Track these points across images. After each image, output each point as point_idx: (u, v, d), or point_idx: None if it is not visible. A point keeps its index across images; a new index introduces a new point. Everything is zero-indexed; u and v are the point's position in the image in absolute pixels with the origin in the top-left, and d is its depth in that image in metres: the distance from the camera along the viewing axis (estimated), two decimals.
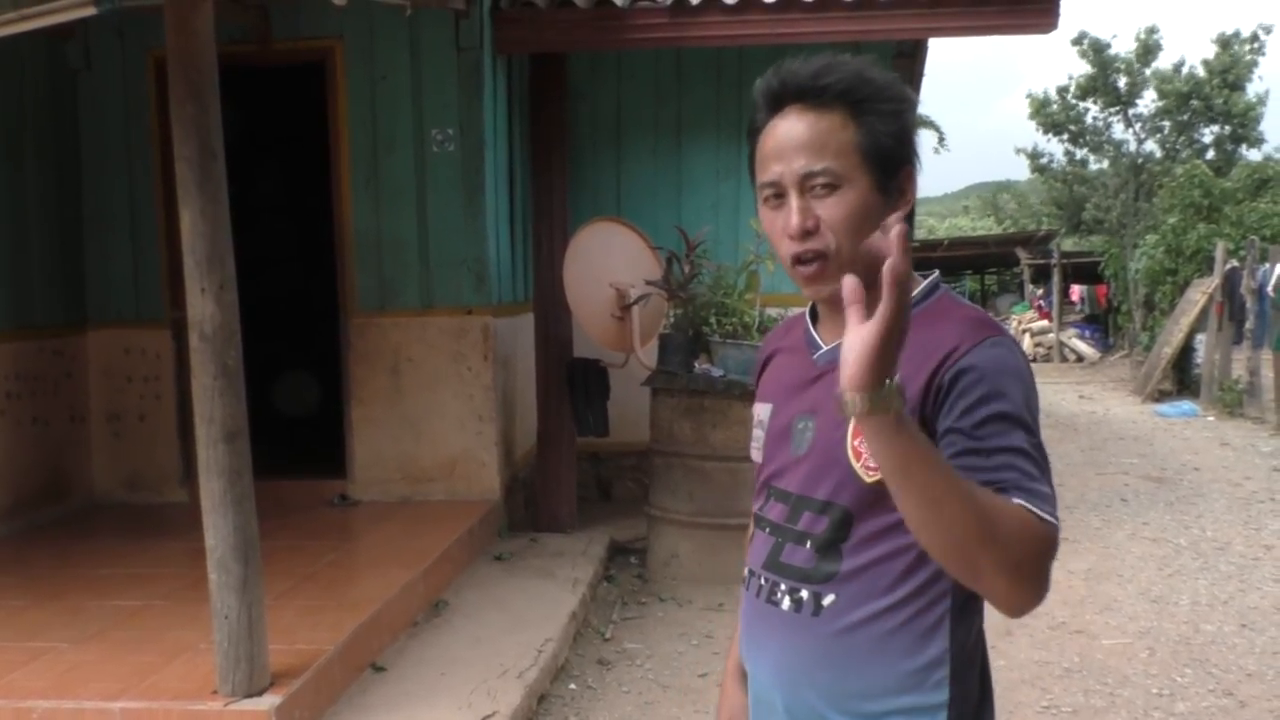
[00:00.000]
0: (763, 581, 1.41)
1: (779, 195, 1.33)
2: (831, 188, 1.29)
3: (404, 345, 5.84)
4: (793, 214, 1.30)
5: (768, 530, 1.42)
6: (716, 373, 5.17)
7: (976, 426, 1.22)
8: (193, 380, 3.07)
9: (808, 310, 1.48)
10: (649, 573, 5.52)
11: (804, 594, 1.36)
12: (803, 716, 1.37)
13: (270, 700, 3.12)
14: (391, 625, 4.10)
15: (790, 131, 1.31)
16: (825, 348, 1.41)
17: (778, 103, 1.33)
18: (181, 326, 3.95)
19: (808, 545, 1.36)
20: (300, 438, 6.60)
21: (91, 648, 3.62)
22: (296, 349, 7.27)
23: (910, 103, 1.35)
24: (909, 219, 1.35)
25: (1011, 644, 4.53)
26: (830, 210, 1.30)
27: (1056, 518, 1.19)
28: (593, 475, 6.99)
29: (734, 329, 5.22)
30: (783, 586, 1.38)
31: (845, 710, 1.33)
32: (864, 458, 1.29)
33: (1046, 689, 4.05)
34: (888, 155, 1.31)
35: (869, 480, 1.29)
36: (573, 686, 4.11)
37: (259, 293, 7.37)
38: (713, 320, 5.24)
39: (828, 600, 1.34)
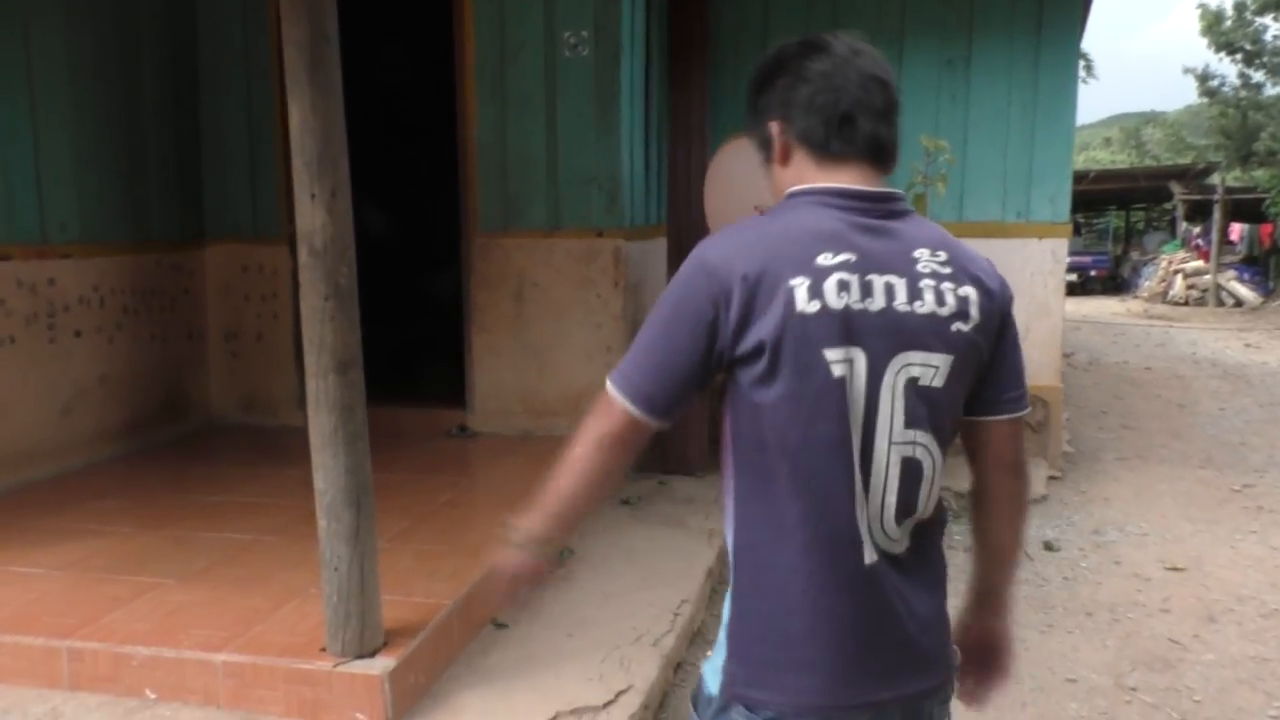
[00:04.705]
0: None
1: None
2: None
3: (529, 269, 5.43)
4: None
5: None
6: None
7: None
8: (301, 301, 2.69)
9: None
10: None
11: None
12: None
13: (383, 663, 2.78)
14: None
15: None
16: None
17: None
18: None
19: None
20: (421, 364, 6.31)
21: (198, 586, 3.36)
22: (419, 270, 6.97)
23: (755, 71, 1.53)
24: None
25: (1218, 633, 3.91)
26: None
27: (611, 381, 1.46)
28: None
29: None
30: None
31: None
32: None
33: (1272, 693, 3.43)
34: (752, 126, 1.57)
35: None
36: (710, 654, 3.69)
37: (381, 210, 7.08)
38: None
39: None
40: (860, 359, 1.34)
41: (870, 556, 1.38)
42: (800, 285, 1.33)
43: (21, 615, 3.13)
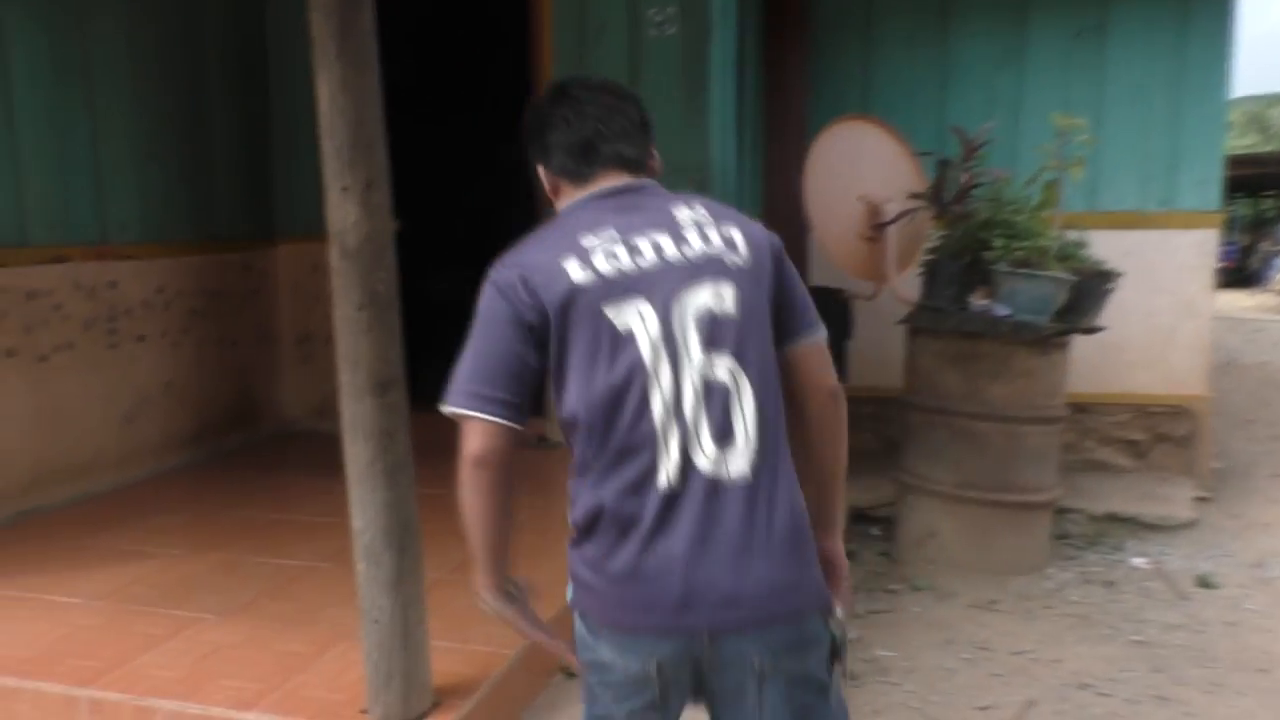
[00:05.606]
0: None
1: None
2: None
3: None
4: None
5: None
6: (1001, 311, 4.04)
7: None
8: (334, 310, 2.31)
9: None
10: (898, 551, 4.53)
11: None
12: None
13: None
14: None
15: None
16: None
17: None
18: None
19: None
20: None
21: (239, 623, 3.04)
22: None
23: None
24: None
25: (1221, 698, 3.26)
26: None
27: (453, 405, 1.55)
28: None
29: (1026, 255, 4.05)
30: None
31: None
32: None
33: None
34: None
35: None
36: None
37: (453, 207, 6.78)
38: (998, 244, 4.09)
39: None
40: (646, 307, 1.48)
41: (669, 482, 1.47)
42: (571, 262, 1.51)
43: (47, 655, 2.84)
